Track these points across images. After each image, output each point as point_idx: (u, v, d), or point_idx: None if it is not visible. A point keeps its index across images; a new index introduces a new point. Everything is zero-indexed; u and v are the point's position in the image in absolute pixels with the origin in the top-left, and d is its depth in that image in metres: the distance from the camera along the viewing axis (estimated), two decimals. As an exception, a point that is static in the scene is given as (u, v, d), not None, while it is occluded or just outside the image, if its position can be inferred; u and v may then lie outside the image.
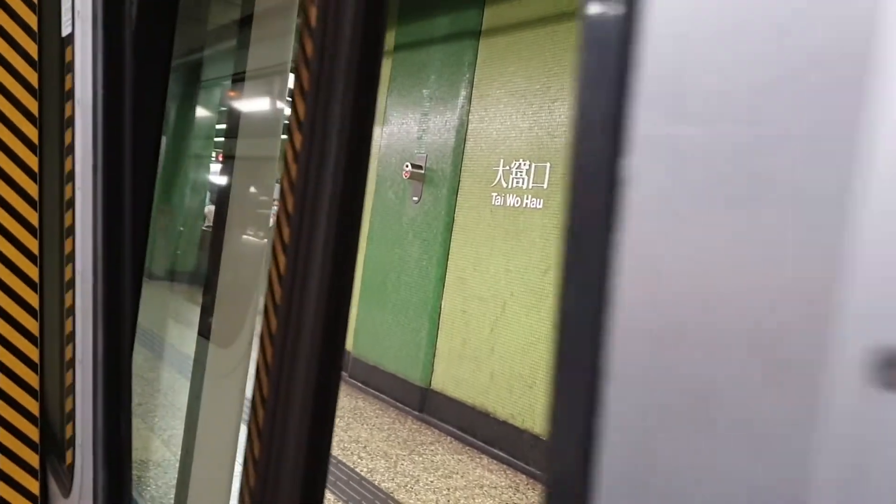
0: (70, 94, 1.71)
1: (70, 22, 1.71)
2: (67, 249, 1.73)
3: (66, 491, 1.84)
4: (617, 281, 0.40)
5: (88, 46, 1.61)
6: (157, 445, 3.42)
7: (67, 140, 1.79)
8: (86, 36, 1.62)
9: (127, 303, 1.66)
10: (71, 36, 1.69)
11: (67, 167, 1.72)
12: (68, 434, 1.91)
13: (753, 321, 0.34)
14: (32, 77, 1.88)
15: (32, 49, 1.87)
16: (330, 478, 4.39)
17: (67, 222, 1.73)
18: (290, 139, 0.94)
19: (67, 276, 1.74)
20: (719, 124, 0.36)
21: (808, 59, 0.33)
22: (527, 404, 4.50)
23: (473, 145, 5.14)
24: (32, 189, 1.89)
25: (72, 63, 1.66)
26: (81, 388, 1.70)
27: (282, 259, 0.92)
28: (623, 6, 0.41)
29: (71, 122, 1.71)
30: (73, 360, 1.71)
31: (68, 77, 1.77)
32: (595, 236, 0.42)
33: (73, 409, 1.73)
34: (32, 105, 1.89)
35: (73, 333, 1.70)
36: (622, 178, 0.40)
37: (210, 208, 4.75)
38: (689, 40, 0.38)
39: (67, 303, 1.75)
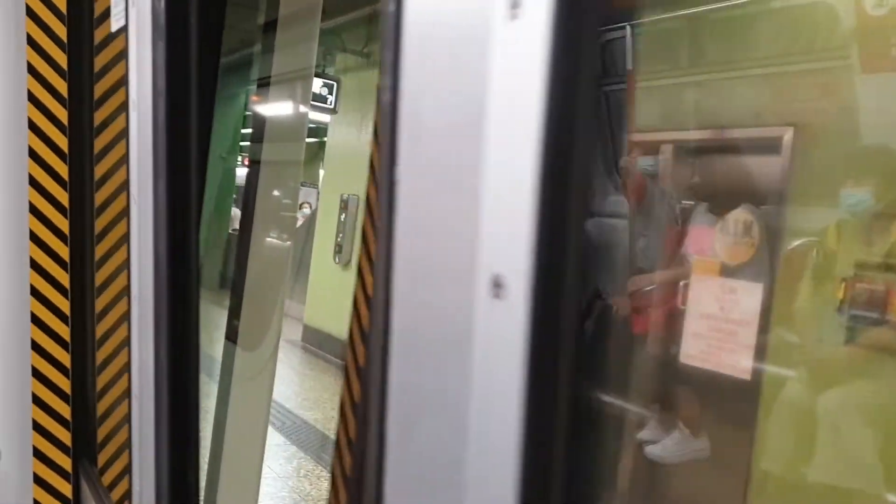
0: (124, 83, 1.67)
1: (123, 14, 1.54)
2: (122, 258, 1.74)
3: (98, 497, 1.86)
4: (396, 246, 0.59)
5: (147, 39, 1.36)
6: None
7: (98, 143, 1.82)
8: (143, 27, 1.39)
9: (194, 311, 1.50)
10: (124, 30, 1.50)
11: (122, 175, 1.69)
12: (100, 438, 1.94)
13: (448, 261, 0.53)
14: (62, 86, 1.91)
15: (62, 59, 1.90)
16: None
17: (122, 230, 1.72)
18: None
19: (123, 283, 1.76)
20: (429, 142, 0.56)
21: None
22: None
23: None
24: (63, 196, 1.92)
25: (124, 55, 1.52)
26: (140, 405, 1.58)
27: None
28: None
29: (124, 107, 1.65)
30: (128, 363, 1.69)
31: (114, 70, 1.77)
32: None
33: (130, 438, 1.70)
34: (62, 113, 1.91)
35: (128, 338, 1.69)
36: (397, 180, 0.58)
37: (236, 211, 4.77)
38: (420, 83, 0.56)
39: (122, 309, 1.75)
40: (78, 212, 1.91)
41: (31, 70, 1.90)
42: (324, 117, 7.79)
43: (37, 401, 1.93)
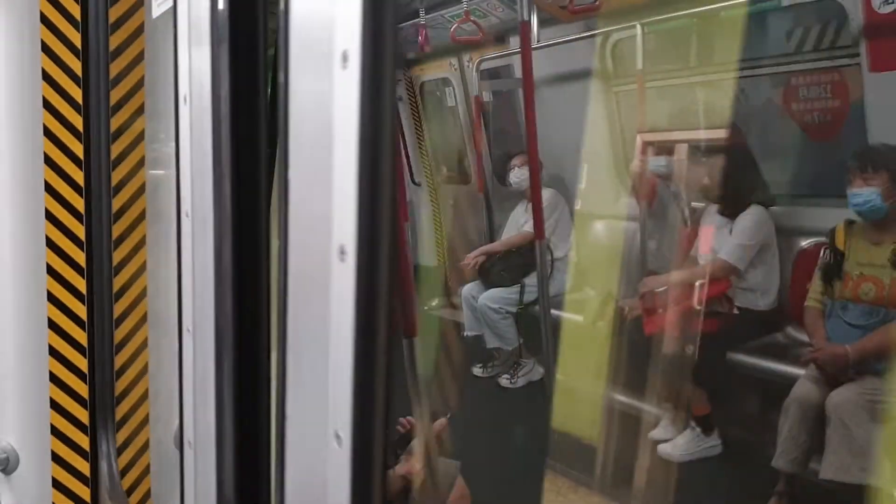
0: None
1: None
2: (140, 262, 1.74)
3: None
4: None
5: (204, 22, 1.11)
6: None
7: (115, 149, 1.83)
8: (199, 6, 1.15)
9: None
10: (173, 11, 1.29)
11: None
12: (119, 441, 1.95)
13: (315, 237, 0.74)
14: (76, 93, 1.91)
15: (76, 65, 1.91)
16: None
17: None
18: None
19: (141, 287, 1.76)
20: (303, 151, 0.80)
21: None
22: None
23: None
24: (78, 203, 1.93)
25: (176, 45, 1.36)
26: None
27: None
28: None
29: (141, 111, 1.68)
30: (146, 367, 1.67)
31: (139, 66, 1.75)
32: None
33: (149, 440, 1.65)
34: (77, 120, 1.92)
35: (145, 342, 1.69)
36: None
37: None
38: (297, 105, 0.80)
39: (140, 313, 1.75)
40: (95, 218, 1.92)
41: (46, 77, 1.90)
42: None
43: (54, 405, 1.94)
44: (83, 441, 1.95)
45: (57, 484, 1.94)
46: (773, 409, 3.38)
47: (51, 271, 1.92)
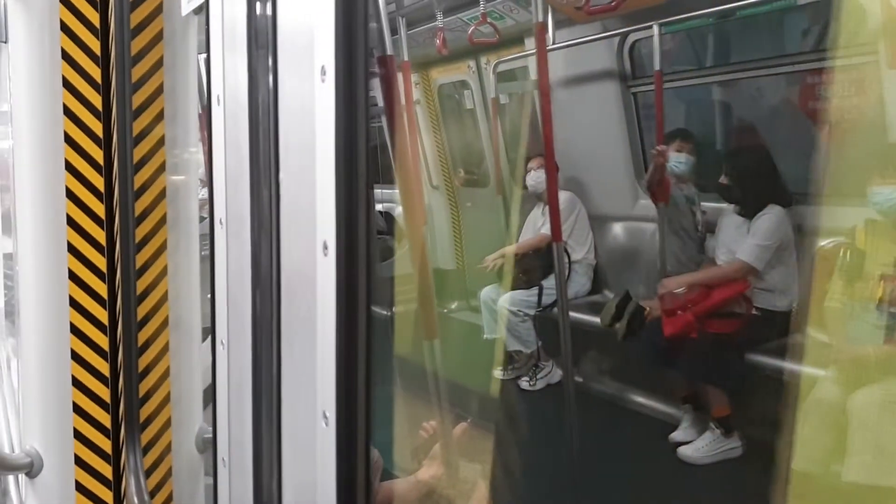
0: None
1: None
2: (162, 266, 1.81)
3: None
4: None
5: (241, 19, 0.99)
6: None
7: (137, 153, 1.84)
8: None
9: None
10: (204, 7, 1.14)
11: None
12: (143, 442, 1.96)
13: (302, 233, 0.81)
14: (96, 100, 1.94)
15: (96, 72, 1.93)
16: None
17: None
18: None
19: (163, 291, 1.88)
20: (290, 157, 0.87)
21: None
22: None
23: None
24: (99, 208, 1.95)
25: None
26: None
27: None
28: None
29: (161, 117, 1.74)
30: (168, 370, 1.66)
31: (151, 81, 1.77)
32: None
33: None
34: (97, 126, 1.94)
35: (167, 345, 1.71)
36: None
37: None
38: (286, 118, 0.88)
39: (163, 315, 1.83)
40: (119, 222, 1.94)
41: (66, 84, 1.93)
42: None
43: (77, 409, 1.96)
44: (106, 444, 1.97)
45: (80, 487, 1.96)
46: (793, 411, 3.35)
47: (73, 276, 1.94)
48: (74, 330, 1.94)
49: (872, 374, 3.15)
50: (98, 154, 1.95)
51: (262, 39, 0.96)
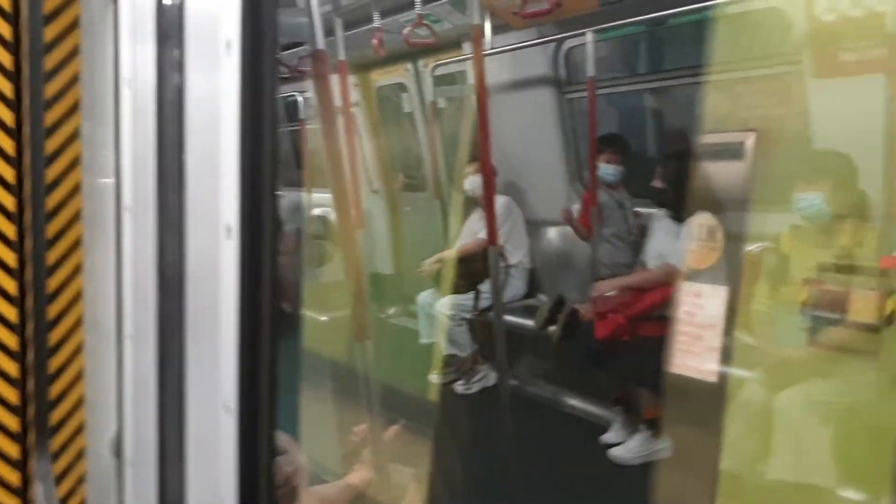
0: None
1: None
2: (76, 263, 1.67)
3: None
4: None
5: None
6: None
7: (49, 146, 1.77)
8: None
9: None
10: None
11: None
12: (52, 448, 1.88)
13: (207, 216, 0.78)
14: (7, 88, 1.85)
15: (6, 59, 1.85)
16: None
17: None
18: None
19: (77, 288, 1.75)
20: (195, 135, 0.83)
21: None
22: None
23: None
24: (8, 201, 1.87)
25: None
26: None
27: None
28: None
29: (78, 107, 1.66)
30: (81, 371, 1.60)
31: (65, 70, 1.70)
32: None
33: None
34: (8, 116, 1.86)
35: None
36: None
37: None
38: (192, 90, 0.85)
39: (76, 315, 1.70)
40: (27, 216, 1.86)
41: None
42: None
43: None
44: (13, 450, 1.88)
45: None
46: (720, 412, 3.42)
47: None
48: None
49: (796, 376, 3.22)
50: (8, 145, 1.86)
51: (171, 19, 0.97)
